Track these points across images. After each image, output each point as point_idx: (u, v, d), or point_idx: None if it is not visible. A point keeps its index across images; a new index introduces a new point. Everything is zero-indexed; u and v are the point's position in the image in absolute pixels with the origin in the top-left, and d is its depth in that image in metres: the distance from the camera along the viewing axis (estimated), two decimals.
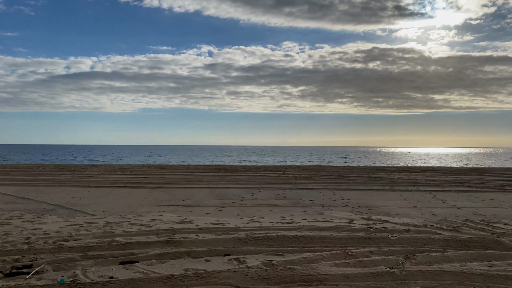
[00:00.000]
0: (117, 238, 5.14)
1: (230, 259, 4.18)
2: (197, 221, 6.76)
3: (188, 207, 10.82)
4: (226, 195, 13.84)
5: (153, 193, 14.33)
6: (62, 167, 28.15)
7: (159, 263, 4.08)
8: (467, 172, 26.72)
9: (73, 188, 15.62)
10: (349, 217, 7.22)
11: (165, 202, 12.13)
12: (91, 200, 11.95)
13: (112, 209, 10.21)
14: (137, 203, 11.72)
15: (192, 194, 14.23)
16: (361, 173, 24.28)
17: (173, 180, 19.03)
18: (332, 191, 15.59)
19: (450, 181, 20.21)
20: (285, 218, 7.01)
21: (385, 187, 17.10)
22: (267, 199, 12.95)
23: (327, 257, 4.12)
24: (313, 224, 6.19)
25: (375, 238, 5.06)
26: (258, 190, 15.34)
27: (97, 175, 21.32)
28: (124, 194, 14.13)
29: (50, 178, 19.47)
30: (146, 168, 28.56)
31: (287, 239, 4.94)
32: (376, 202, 12.77)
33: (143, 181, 18.56)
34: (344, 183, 18.18)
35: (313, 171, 25.32)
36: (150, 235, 5.42)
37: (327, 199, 13.34)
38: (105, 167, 28.54)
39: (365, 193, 14.99)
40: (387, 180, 20.00)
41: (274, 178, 20.43)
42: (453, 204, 12.58)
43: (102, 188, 15.89)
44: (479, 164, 48.97)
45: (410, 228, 5.97)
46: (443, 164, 48.63)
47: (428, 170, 29.08)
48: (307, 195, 14.13)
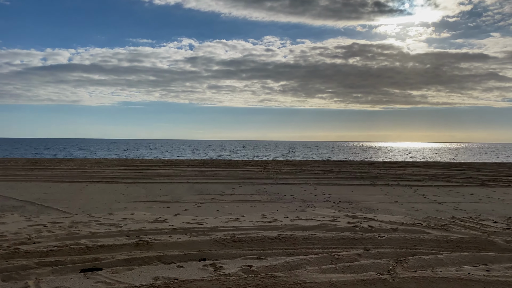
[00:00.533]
0: (82, 241, 4.65)
1: (205, 265, 3.76)
2: (172, 220, 6.32)
3: (165, 203, 10.47)
4: (206, 191, 13.48)
5: (130, 189, 13.83)
6: (35, 161, 27.09)
7: (126, 270, 3.63)
8: (446, 167, 26.97)
9: (46, 183, 14.94)
10: (333, 214, 6.91)
11: (142, 198, 11.72)
12: (64, 196, 11.45)
13: (85, 205, 9.77)
14: (113, 199, 11.32)
15: (170, 189, 13.81)
16: (341, 167, 24.17)
17: (151, 175, 18.46)
18: (313, 186, 15.40)
19: (430, 176, 20.31)
20: (266, 216, 6.64)
21: (366, 181, 17.02)
22: (248, 195, 12.68)
23: (312, 261, 3.76)
24: (296, 223, 5.83)
25: (361, 239, 4.73)
26: (238, 185, 15.02)
27: (72, 170, 20.51)
28: (99, 189, 13.60)
29: (21, 173, 18.60)
30: (123, 162, 27.77)
31: (269, 241, 4.56)
32: (357, 197, 12.67)
33: (120, 176, 17.93)
34: (325, 178, 18.01)
35: (294, 166, 25.08)
36: (119, 237, 4.94)
37: (308, 194, 13.14)
38: (80, 161, 27.62)
39: (346, 188, 14.86)
40: (367, 174, 19.94)
41: (255, 173, 20.07)
42: (434, 199, 12.60)
43: (76, 183, 15.28)
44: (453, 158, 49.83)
45: (398, 227, 5.67)
46: (421, 158, 49.29)
47: (407, 164, 29.26)
48: (288, 190, 13.91)
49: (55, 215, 7.28)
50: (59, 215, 6.96)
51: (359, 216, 6.71)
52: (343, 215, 6.91)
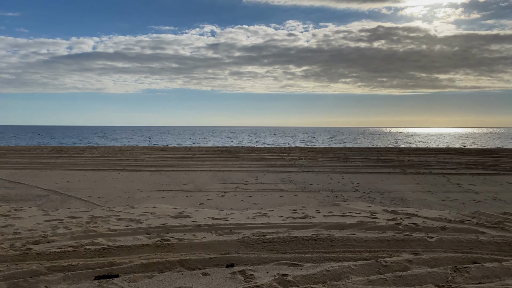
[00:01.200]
0: (99, 240, 4.27)
1: (234, 272, 3.30)
2: (195, 214, 5.89)
3: (189, 192, 10.22)
4: (229, 179, 13.10)
5: (153, 177, 13.61)
6: (60, 149, 27.33)
7: (144, 278, 3.20)
8: (480, 154, 25.75)
9: (69, 172, 14.88)
10: (370, 209, 6.34)
11: (165, 186, 11.46)
12: (87, 185, 11.31)
13: (108, 194, 9.61)
14: (135, 188, 10.87)
15: (193, 178, 13.49)
16: (369, 155, 23.36)
17: (174, 163, 18.21)
18: (340, 174, 14.82)
19: (463, 163, 19.35)
20: (297, 211, 6.13)
21: (396, 170, 16.30)
22: (272, 183, 12.22)
23: (356, 270, 3.25)
24: (331, 220, 5.29)
25: (409, 240, 4.18)
26: (262, 174, 14.58)
27: (96, 158, 20.49)
28: (122, 178, 13.40)
29: (46, 161, 18.67)
30: (147, 150, 27.72)
31: (303, 242, 4.06)
32: (388, 186, 12.06)
33: (143, 164, 17.76)
34: (352, 166, 17.35)
35: (318, 153, 24.40)
36: (139, 235, 4.54)
37: (336, 183, 12.58)
38: (104, 149, 27.70)
39: (375, 177, 14.23)
40: (396, 162, 19.14)
41: (279, 160, 19.55)
42: (470, 188, 11.86)
43: (99, 171, 15.17)
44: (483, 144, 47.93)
45: (446, 224, 5.07)
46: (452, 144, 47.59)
47: (438, 151, 28.11)
48: (314, 179, 13.38)
49: (74, 208, 6.96)
50: (78, 209, 6.63)
51: (400, 211, 6.11)
52: (382, 210, 6.33)
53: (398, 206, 8.56)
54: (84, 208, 7.18)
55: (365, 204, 7.28)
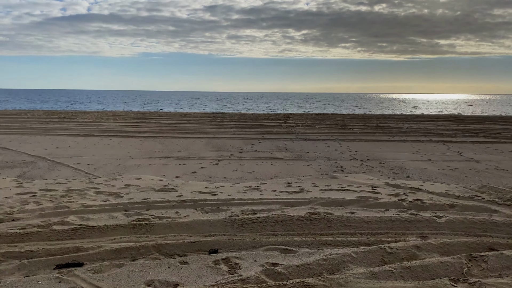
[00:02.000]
0: (70, 218, 3.81)
1: (216, 261, 2.84)
2: (182, 188, 5.42)
3: (181, 159, 9.87)
4: (224, 146, 12.72)
5: (145, 144, 13.19)
6: (52, 114, 26.65)
7: (113, 268, 2.75)
8: (481, 121, 25.27)
9: (60, 137, 14.41)
10: (370, 182, 5.88)
11: (158, 154, 11.11)
12: (77, 151, 10.96)
13: (98, 161, 9.29)
14: (127, 155, 10.52)
15: (187, 144, 13.08)
16: (367, 122, 22.85)
17: (168, 129, 17.69)
18: (338, 142, 14.42)
19: (463, 131, 18.96)
20: (291, 184, 5.66)
21: (395, 137, 15.88)
22: (268, 151, 11.85)
23: (358, 258, 2.81)
24: (328, 196, 4.83)
25: (415, 221, 3.73)
26: (258, 141, 14.16)
27: (88, 123, 19.91)
28: (114, 144, 12.97)
29: (36, 126, 18.11)
30: (141, 115, 27.09)
31: (297, 222, 3.61)
32: (387, 154, 11.72)
33: (136, 129, 17.25)
34: (350, 133, 16.90)
35: (316, 120, 23.84)
36: (116, 212, 4.08)
37: (333, 151, 12.21)
38: (97, 114, 27.03)
39: (374, 144, 13.85)
40: (396, 129, 18.69)
41: (275, 127, 19.04)
42: (470, 157, 11.54)
43: (91, 137, 14.70)
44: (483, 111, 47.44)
45: (454, 201, 4.63)
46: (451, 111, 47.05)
47: (438, 118, 27.60)
48: (311, 147, 12.99)
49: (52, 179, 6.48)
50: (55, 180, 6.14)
51: (403, 185, 5.66)
52: (383, 183, 5.87)
53: (398, 177, 8.22)
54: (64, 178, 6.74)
55: (365, 176, 6.84)
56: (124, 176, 6.87)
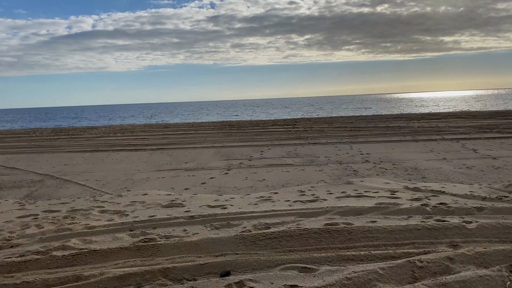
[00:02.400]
0: (71, 242, 3.57)
1: (229, 285, 2.60)
2: (190, 202, 5.16)
3: (190, 171, 9.72)
4: (233, 155, 12.50)
5: (153, 156, 13.01)
6: (60, 131, 26.68)
7: None
8: (493, 116, 24.73)
9: (68, 154, 14.31)
10: (388, 187, 5.56)
11: (166, 166, 10.95)
12: (85, 167, 10.89)
13: (106, 176, 9.22)
14: (135, 169, 10.38)
15: (195, 155, 12.90)
16: (377, 122, 22.48)
17: (176, 140, 17.53)
18: (349, 144, 14.12)
19: (476, 127, 18.52)
20: (305, 192, 5.37)
21: (406, 137, 15.53)
22: (278, 158, 11.60)
23: (385, 275, 2.53)
24: (345, 204, 4.53)
25: (443, 228, 3.42)
26: (267, 148, 13.92)
27: (95, 138, 19.83)
28: (122, 158, 12.83)
29: (45, 144, 18.06)
30: (148, 128, 27.00)
31: (314, 236, 3.33)
32: (399, 155, 11.40)
33: (144, 142, 17.10)
34: (361, 135, 16.57)
35: (325, 123, 23.53)
36: (120, 233, 3.84)
37: (344, 154, 11.92)
38: (104, 129, 27.00)
39: (385, 146, 13.52)
40: (407, 129, 18.31)
41: (284, 133, 18.79)
42: (486, 153, 11.20)
43: (98, 152, 14.58)
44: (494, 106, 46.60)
45: (481, 203, 4.30)
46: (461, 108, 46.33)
47: (449, 116, 27.07)
48: (321, 151, 12.71)
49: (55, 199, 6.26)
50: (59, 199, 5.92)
51: (423, 188, 5.34)
52: (402, 187, 5.55)
53: (414, 178, 7.93)
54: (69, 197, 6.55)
55: (382, 180, 6.52)
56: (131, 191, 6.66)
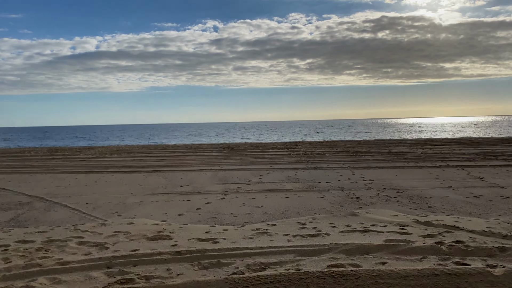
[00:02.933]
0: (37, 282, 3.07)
1: None
2: (178, 233, 4.66)
3: (185, 195, 9.33)
4: (231, 179, 12.03)
5: (149, 179, 12.55)
6: (56, 151, 26.23)
7: None
8: (497, 143, 24.32)
9: (61, 175, 13.84)
10: (396, 219, 5.07)
11: (161, 189, 10.53)
12: (77, 189, 10.48)
13: (97, 200, 8.89)
14: (128, 192, 10.00)
15: (192, 178, 12.42)
16: (379, 147, 22.05)
17: (173, 162, 17.07)
18: (351, 170, 13.66)
19: (481, 154, 18.08)
20: (306, 225, 4.87)
21: (410, 163, 15.07)
22: (277, 182, 11.16)
23: None
24: (350, 240, 4.04)
25: (464, 275, 2.95)
26: (266, 172, 13.46)
27: (91, 159, 19.37)
28: (116, 180, 12.37)
29: (38, 164, 17.59)
30: (145, 149, 26.58)
31: (317, 281, 2.85)
32: (403, 182, 10.95)
33: (140, 164, 16.64)
34: (363, 160, 16.11)
35: (326, 148, 23.10)
36: (95, 271, 3.35)
37: (346, 180, 11.46)
38: (101, 149, 26.57)
39: (388, 172, 13.06)
40: (410, 155, 17.87)
41: (284, 156, 18.34)
42: (493, 182, 10.76)
43: (92, 174, 14.11)
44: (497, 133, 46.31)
45: (502, 242, 3.82)
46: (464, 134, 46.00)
47: (452, 142, 26.64)
48: (322, 176, 12.24)
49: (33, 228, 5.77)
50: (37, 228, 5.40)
51: (435, 222, 4.86)
52: (411, 220, 5.06)
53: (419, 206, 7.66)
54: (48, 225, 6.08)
55: (389, 211, 6.04)
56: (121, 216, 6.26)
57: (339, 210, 7.70)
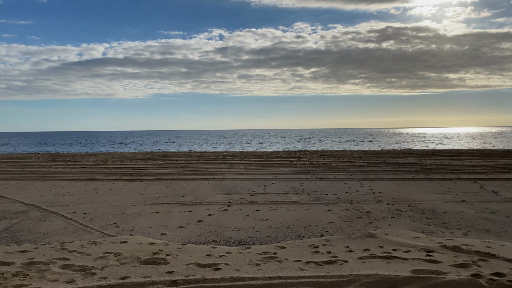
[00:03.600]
0: None
1: None
2: (176, 256, 4.12)
3: (187, 205, 8.97)
4: (234, 189, 11.55)
5: (150, 187, 12.06)
6: (58, 157, 25.79)
7: None
8: (507, 155, 23.68)
9: (60, 183, 13.40)
10: (420, 243, 4.51)
11: (162, 199, 9.90)
12: (76, 198, 10.12)
13: (95, 209, 8.54)
14: (128, 201, 9.62)
15: (195, 187, 11.95)
16: (387, 158, 21.44)
17: (175, 170, 16.59)
18: (358, 181, 13.14)
19: (492, 166, 17.48)
20: (319, 248, 4.31)
21: (419, 175, 14.52)
22: (282, 194, 10.55)
23: None
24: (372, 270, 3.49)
25: None
26: (271, 182, 12.96)
27: (92, 166, 18.90)
28: (117, 189, 11.91)
29: (38, 170, 17.14)
30: (148, 156, 26.12)
31: None
32: (414, 195, 10.46)
33: (142, 172, 16.18)
34: (371, 172, 15.56)
35: (332, 157, 22.52)
36: None
37: (355, 192, 10.95)
38: (103, 156, 26.12)
39: (398, 184, 12.54)
40: (418, 166, 17.29)
41: (289, 166, 17.81)
42: (509, 196, 10.40)
43: (92, 181, 13.68)
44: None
45: None
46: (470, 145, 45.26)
47: (461, 153, 25.98)
48: (329, 188, 11.72)
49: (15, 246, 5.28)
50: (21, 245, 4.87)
51: (464, 247, 4.30)
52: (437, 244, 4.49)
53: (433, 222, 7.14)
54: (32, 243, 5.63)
55: (409, 232, 5.48)
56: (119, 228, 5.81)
57: (349, 226, 7.18)
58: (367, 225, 7.12)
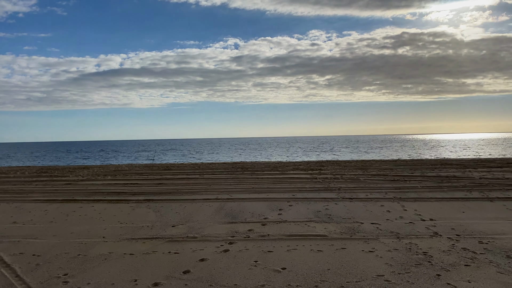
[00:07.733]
0: None
1: None
2: None
3: (175, 242, 6.72)
4: (241, 215, 9.02)
5: (135, 212, 9.48)
6: (45, 171, 23.17)
7: None
8: None
9: (29, 205, 10.86)
10: None
11: (144, 230, 7.64)
12: (36, 228, 8.01)
13: (52, 247, 6.56)
14: (101, 234, 7.42)
15: (190, 212, 9.34)
16: (423, 170, 18.17)
17: (172, 187, 13.82)
18: (398, 202, 10.27)
19: None
20: None
21: (473, 193, 11.44)
22: (303, 222, 8.08)
23: None
24: None
25: None
26: (287, 204, 10.20)
27: (78, 182, 16.18)
28: (94, 214, 9.37)
29: (12, 189, 14.50)
30: (147, 169, 23.41)
31: None
32: (480, 224, 7.84)
33: (132, 190, 13.47)
34: (410, 188, 12.48)
35: (358, 169, 19.36)
36: None
37: (398, 219, 8.21)
38: (97, 169, 23.46)
39: (450, 205, 9.65)
40: (467, 181, 14.09)
41: (308, 181, 14.83)
42: None
43: (69, 203, 11.13)
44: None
45: None
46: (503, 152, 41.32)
47: (510, 163, 22.37)
48: (363, 212, 9.02)
49: None
50: None
51: None
52: None
53: None
54: None
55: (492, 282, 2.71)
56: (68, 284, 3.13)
57: (407, 282, 4.70)
58: (434, 280, 4.80)
